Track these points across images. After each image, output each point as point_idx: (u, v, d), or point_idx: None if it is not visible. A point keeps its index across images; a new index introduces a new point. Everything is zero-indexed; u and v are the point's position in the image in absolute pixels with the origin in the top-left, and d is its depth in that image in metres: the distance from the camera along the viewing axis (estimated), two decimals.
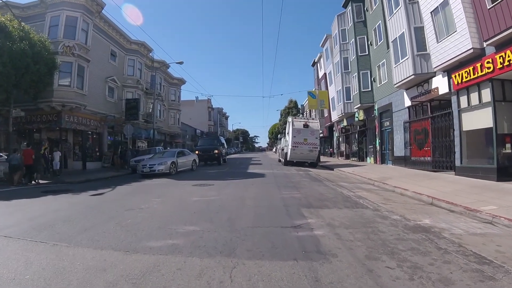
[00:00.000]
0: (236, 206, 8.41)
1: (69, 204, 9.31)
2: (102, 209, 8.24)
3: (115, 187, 13.36)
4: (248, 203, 8.93)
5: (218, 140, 30.94)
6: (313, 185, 12.87)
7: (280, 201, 9.17)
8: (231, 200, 9.43)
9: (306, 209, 7.90)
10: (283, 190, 11.58)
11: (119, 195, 10.91)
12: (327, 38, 40.49)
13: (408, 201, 9.19)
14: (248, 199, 9.60)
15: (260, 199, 9.60)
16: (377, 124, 25.30)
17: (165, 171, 18.24)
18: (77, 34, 23.05)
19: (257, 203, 8.91)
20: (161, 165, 18.32)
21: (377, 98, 25.05)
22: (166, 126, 42.96)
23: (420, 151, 17.86)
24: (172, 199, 9.71)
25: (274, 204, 8.78)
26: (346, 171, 19.25)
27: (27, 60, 17.02)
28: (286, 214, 7.40)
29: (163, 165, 18.36)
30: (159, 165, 18.28)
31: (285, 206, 8.42)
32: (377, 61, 24.93)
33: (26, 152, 16.69)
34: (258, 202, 8.99)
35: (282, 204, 8.74)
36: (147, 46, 33.99)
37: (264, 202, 9.09)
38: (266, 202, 9.01)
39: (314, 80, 53.67)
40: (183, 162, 20.88)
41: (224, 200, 9.35)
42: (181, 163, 20.30)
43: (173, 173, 18.66)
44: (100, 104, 26.91)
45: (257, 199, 9.49)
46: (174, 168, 19.11)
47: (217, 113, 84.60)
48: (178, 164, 19.81)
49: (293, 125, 24.39)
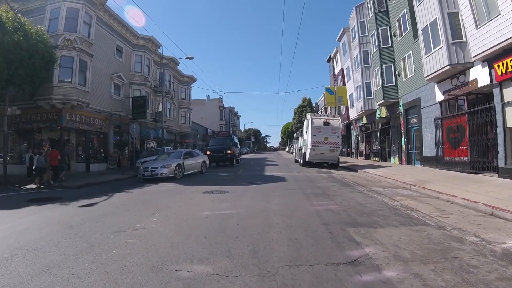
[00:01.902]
0: (261, 226, 6.39)
1: (47, 221, 7.38)
2: (85, 230, 6.29)
3: (112, 195, 11.44)
4: (275, 220, 6.91)
5: (231, 140, 28.98)
6: (345, 192, 10.95)
7: (315, 217, 7.16)
8: (252, 215, 7.42)
9: (354, 228, 6.05)
10: (313, 199, 9.60)
11: (112, 206, 8.95)
12: (344, 32, 38.73)
13: (465, 212, 7.64)
14: (273, 214, 7.57)
15: (288, 214, 7.56)
16: (402, 121, 23.57)
17: (169, 175, 16.36)
18: (79, 26, 21.46)
19: (287, 221, 6.86)
20: (165, 168, 16.37)
21: (403, 93, 23.31)
22: (176, 125, 41.52)
23: (454, 151, 16.26)
24: (177, 214, 7.70)
25: (309, 221, 6.74)
26: (372, 172, 17.49)
27: (21, 53, 15.51)
28: (331, 239, 5.43)
29: (166, 168, 16.41)
30: (162, 168, 16.32)
31: (325, 225, 6.43)
32: (402, 53, 23.12)
33: (51, 153, 16.64)
34: (288, 220, 6.94)
35: (320, 221, 6.74)
36: (155, 41, 32.32)
37: (296, 219, 7.05)
38: (298, 219, 6.96)
39: (330, 76, 51.67)
40: (191, 164, 18.89)
41: (243, 216, 7.33)
42: (188, 166, 18.36)
43: (178, 177, 16.78)
44: (105, 102, 25.30)
45: (285, 214, 7.45)
46: (180, 172, 17.23)
47: (229, 112, 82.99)
48: (185, 167, 17.87)
49: (312, 123, 22.66)
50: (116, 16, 26.64)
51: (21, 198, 11.50)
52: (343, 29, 38.66)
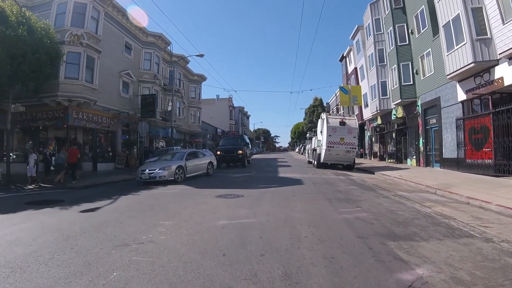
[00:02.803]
0: (287, 240, 5.42)
1: (42, 229, 6.50)
2: (82, 243, 5.39)
3: (117, 198, 10.55)
4: (302, 232, 5.93)
5: (242, 139, 27.96)
6: (369, 197, 10.05)
7: (346, 228, 6.22)
8: (275, 225, 6.45)
9: (394, 242, 5.20)
10: (337, 205, 8.65)
11: (117, 212, 8.04)
12: (358, 30, 37.67)
13: (503, 220, 6.88)
14: (298, 223, 6.60)
15: (315, 223, 6.58)
16: (420, 121, 22.70)
17: (169, 178, 14.88)
18: (86, 22, 20.78)
19: (316, 232, 5.88)
20: (164, 170, 14.87)
21: (421, 92, 22.47)
22: (186, 124, 40.78)
23: (477, 153, 15.55)
24: (188, 223, 6.75)
25: (341, 233, 5.77)
26: (391, 175, 16.51)
27: (24, 48, 14.82)
28: (373, 257, 4.53)
29: (166, 170, 14.91)
30: (160, 170, 14.85)
31: (360, 238, 5.50)
32: (420, 51, 22.22)
33: (71, 151, 16.70)
34: (317, 231, 5.95)
35: (353, 233, 5.80)
36: (165, 38, 31.56)
37: (325, 230, 6.07)
38: (328, 231, 5.98)
39: (342, 75, 50.48)
40: (195, 165, 17.38)
41: (265, 227, 6.37)
42: (192, 167, 16.90)
43: (179, 180, 15.26)
44: (113, 100, 24.56)
45: (312, 224, 6.48)
46: (182, 174, 15.68)
47: (238, 112, 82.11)
48: (188, 169, 16.36)
49: (328, 123, 21.67)
50: (125, 12, 25.91)
51: (20, 200, 10.73)
52: (357, 27, 37.67)
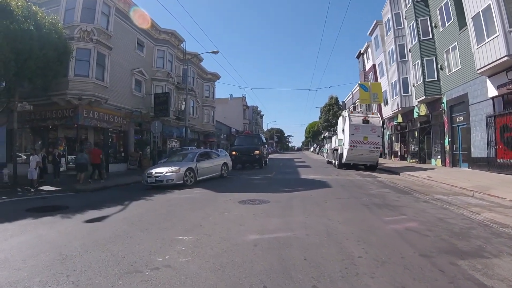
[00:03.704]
0: (339, 262, 4.30)
1: (38, 245, 5.37)
2: (82, 267, 4.25)
3: (128, 204, 9.45)
4: (353, 250, 4.79)
5: (258, 139, 26.52)
6: (408, 202, 8.99)
7: (401, 242, 5.22)
8: (318, 241, 5.26)
9: (464, 261, 4.34)
10: (377, 212, 7.62)
11: (127, 223, 6.91)
12: (376, 25, 36.21)
13: None
14: (343, 237, 5.46)
15: (364, 237, 5.47)
16: (446, 119, 21.58)
17: (177, 181, 13.44)
18: (97, 17, 19.87)
19: (370, 250, 4.76)
20: (171, 173, 13.44)
21: (446, 89, 21.34)
22: (200, 124, 39.89)
23: (510, 152, 14.77)
24: (212, 238, 5.58)
25: (400, 251, 4.75)
26: (419, 176, 15.46)
27: (30, 43, 13.90)
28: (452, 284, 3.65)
29: (174, 173, 13.45)
30: (168, 173, 13.44)
31: (424, 256, 4.55)
32: (445, 45, 21.10)
33: (94, 151, 16.83)
34: (370, 248, 4.83)
35: (413, 250, 4.84)
36: (178, 36, 30.53)
37: (378, 246, 4.97)
38: (383, 247, 4.87)
39: (360, 73, 48.86)
40: (208, 167, 15.87)
41: (306, 243, 5.18)
42: (204, 169, 15.38)
43: (189, 183, 13.90)
44: (125, 99, 23.63)
45: (361, 239, 5.36)
46: (192, 177, 14.25)
47: (252, 111, 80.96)
48: (199, 171, 14.88)
49: (350, 121, 20.45)
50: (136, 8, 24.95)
51: (21, 205, 9.75)
52: (376, 22, 36.25)
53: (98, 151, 17.04)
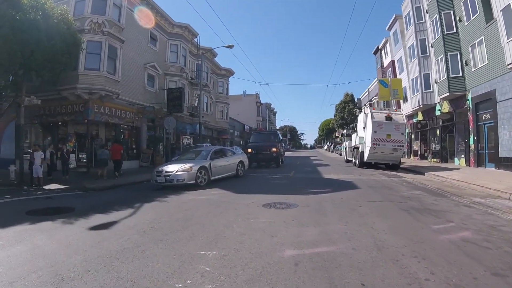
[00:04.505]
0: None
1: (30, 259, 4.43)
2: None
3: (139, 207, 8.47)
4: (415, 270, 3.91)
5: (275, 136, 25.37)
6: (448, 206, 8.10)
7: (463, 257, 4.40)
8: (370, 258, 4.28)
9: None
10: (421, 218, 6.70)
11: (137, 231, 5.89)
12: (396, 20, 34.80)
13: None
14: (398, 252, 4.55)
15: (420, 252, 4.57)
16: (471, 117, 20.58)
17: (189, 181, 12.17)
18: (108, 9, 19.14)
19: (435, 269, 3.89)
20: (183, 172, 12.18)
21: (471, 85, 20.42)
22: (213, 120, 39.18)
23: None
24: (241, 254, 4.55)
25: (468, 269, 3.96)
26: (446, 176, 14.57)
27: (37, 34, 13.12)
28: None
29: (185, 172, 12.19)
30: (179, 172, 12.18)
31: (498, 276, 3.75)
32: (470, 39, 20.18)
33: (115, 147, 16.97)
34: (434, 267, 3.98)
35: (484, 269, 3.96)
36: (192, 29, 29.68)
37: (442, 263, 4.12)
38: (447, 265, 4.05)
39: (377, 69, 47.40)
40: (223, 166, 14.62)
41: (357, 261, 4.16)
42: (218, 168, 14.13)
43: (202, 183, 12.61)
44: (138, 94, 22.84)
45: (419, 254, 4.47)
46: (205, 176, 12.94)
47: (266, 108, 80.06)
48: (213, 170, 13.62)
49: (373, 118, 19.61)
50: (149, 0, 24.11)
51: (23, 206, 8.94)
52: (395, 17, 34.89)
53: (119, 147, 17.21)
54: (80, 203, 9.30)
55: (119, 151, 16.74)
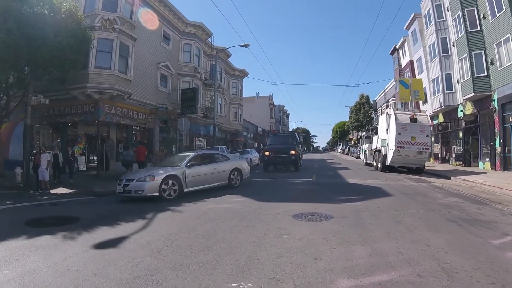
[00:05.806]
0: None
1: (13, 286, 3.54)
2: None
3: (152, 218, 7.44)
4: None
5: (293, 138, 24.27)
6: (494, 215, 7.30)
7: None
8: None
9: None
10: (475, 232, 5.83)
11: (150, 252, 4.84)
12: (414, 18, 33.70)
13: None
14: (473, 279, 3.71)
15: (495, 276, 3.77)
16: (497, 118, 19.73)
17: (150, 193, 10.00)
18: (119, 5, 18.44)
19: None
20: (144, 182, 10.08)
21: (497, 85, 19.56)
22: (227, 122, 38.47)
23: None
24: (284, 287, 3.55)
25: None
26: (474, 181, 13.80)
27: (43, 29, 12.54)
28: None
29: (146, 182, 10.05)
30: (139, 182, 10.11)
31: None
32: (495, 37, 19.41)
33: (139, 149, 17.25)
34: None
35: None
36: (206, 29, 28.89)
37: None
38: None
39: (394, 70, 46.15)
40: (206, 174, 11.92)
41: None
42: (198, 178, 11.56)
43: (170, 196, 10.31)
44: (150, 94, 22.10)
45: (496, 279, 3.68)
46: (174, 187, 10.53)
47: (279, 110, 79.32)
48: (189, 179, 11.11)
49: (396, 119, 18.80)
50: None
51: (24, 214, 8.23)
52: (413, 15, 33.75)
53: (143, 148, 17.48)
54: (86, 211, 8.45)
55: (144, 153, 17.03)
